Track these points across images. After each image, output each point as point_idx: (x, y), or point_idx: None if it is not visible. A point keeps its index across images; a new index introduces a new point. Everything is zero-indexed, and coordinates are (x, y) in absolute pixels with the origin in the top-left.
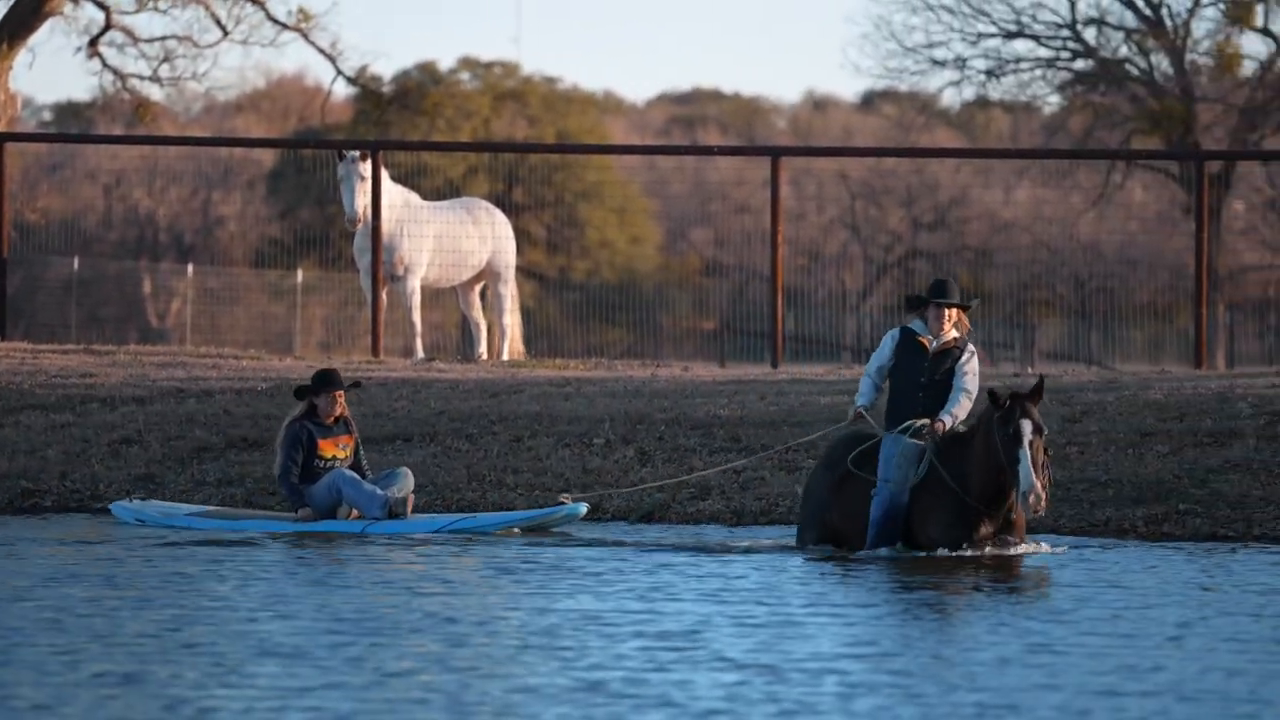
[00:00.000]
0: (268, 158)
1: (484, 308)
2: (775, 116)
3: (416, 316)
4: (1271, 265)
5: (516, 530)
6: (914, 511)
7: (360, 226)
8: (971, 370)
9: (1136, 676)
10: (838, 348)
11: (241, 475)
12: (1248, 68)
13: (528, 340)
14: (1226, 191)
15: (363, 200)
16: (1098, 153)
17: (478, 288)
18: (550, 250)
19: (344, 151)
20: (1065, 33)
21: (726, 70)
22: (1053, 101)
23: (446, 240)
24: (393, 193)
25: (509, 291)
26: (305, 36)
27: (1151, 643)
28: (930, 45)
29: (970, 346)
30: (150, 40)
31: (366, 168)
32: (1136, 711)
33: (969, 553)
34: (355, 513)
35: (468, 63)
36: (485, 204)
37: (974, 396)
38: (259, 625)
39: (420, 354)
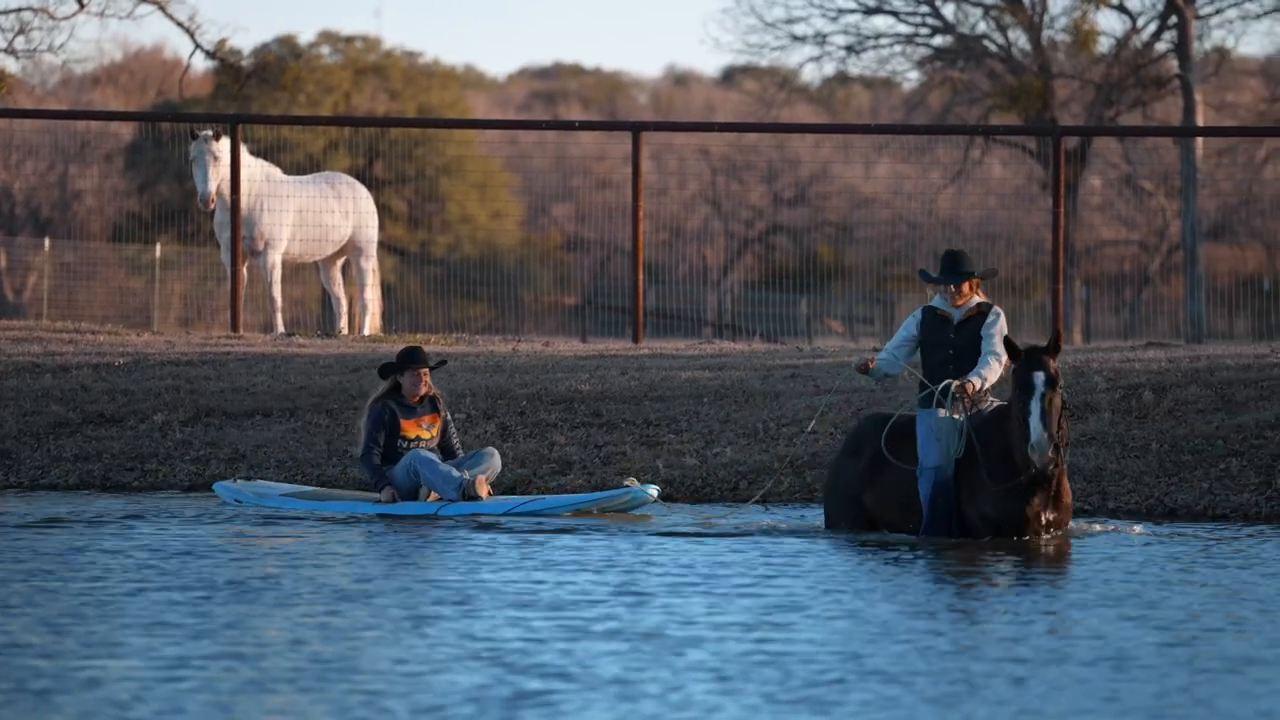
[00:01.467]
0: (125, 131)
1: (345, 282)
2: (637, 91)
3: (277, 291)
4: (1127, 241)
5: (594, 511)
6: (960, 491)
7: (213, 207)
8: (999, 332)
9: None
10: (699, 323)
11: (99, 451)
12: (1104, 44)
13: (389, 315)
14: (1083, 167)
15: (215, 181)
16: (956, 128)
17: (339, 263)
18: (411, 225)
19: (196, 130)
20: (924, 9)
21: (588, 45)
22: (912, 77)
23: (308, 215)
24: (253, 167)
25: (370, 266)
26: (163, 9)
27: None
28: (791, 21)
29: (996, 309)
30: (5, 12)
31: (219, 147)
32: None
33: (1025, 537)
34: (435, 494)
35: (328, 36)
36: (348, 178)
37: (1004, 359)
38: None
39: (280, 329)
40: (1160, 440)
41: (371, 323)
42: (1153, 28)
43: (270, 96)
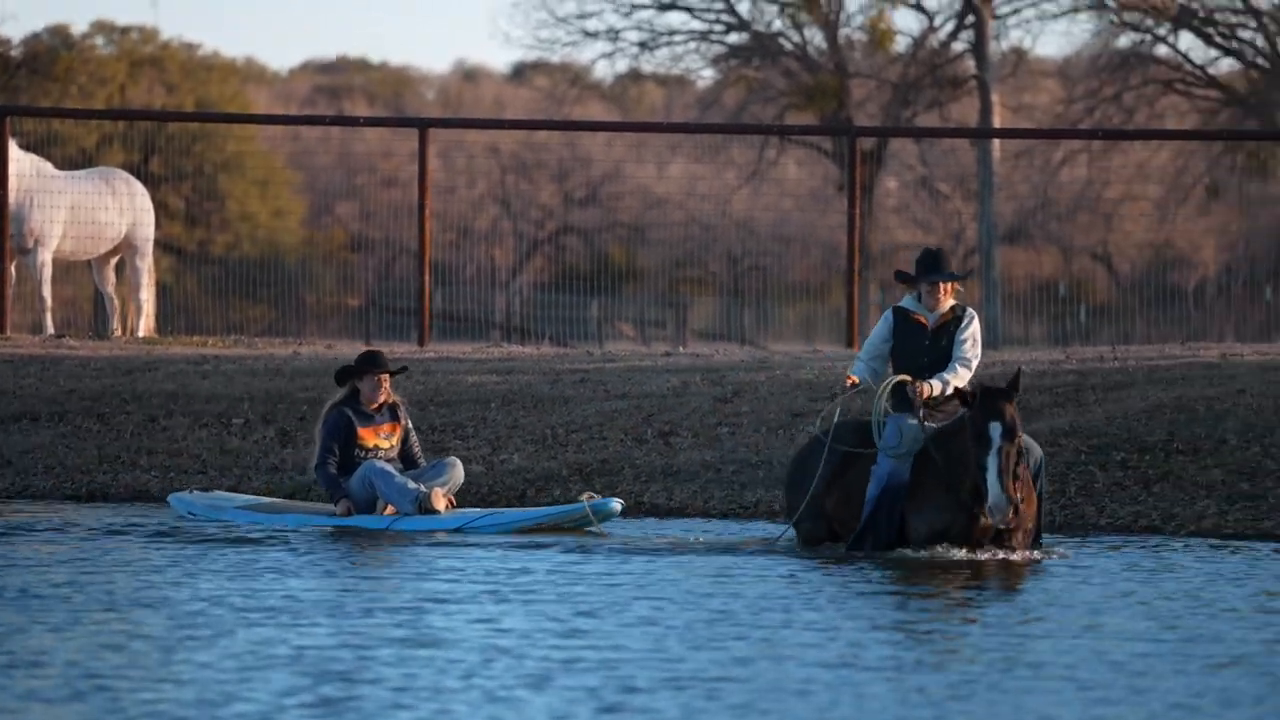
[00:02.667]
0: None
1: (119, 282)
2: (424, 87)
3: (47, 291)
4: (923, 244)
5: (553, 526)
6: (907, 499)
7: None
8: (971, 337)
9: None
10: (488, 325)
11: None
12: (901, 44)
13: (165, 316)
14: (879, 169)
15: None
16: (751, 128)
17: (113, 261)
18: (189, 223)
19: None
20: (719, 5)
21: (374, 39)
22: (707, 75)
23: (81, 212)
24: (22, 162)
25: (146, 265)
26: None
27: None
28: (582, 16)
29: (970, 312)
30: None
31: None
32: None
33: (963, 554)
34: (391, 507)
35: (102, 26)
36: (123, 174)
37: (975, 365)
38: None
39: (50, 330)
40: None
41: (146, 324)
42: (950, 27)
43: (41, 88)
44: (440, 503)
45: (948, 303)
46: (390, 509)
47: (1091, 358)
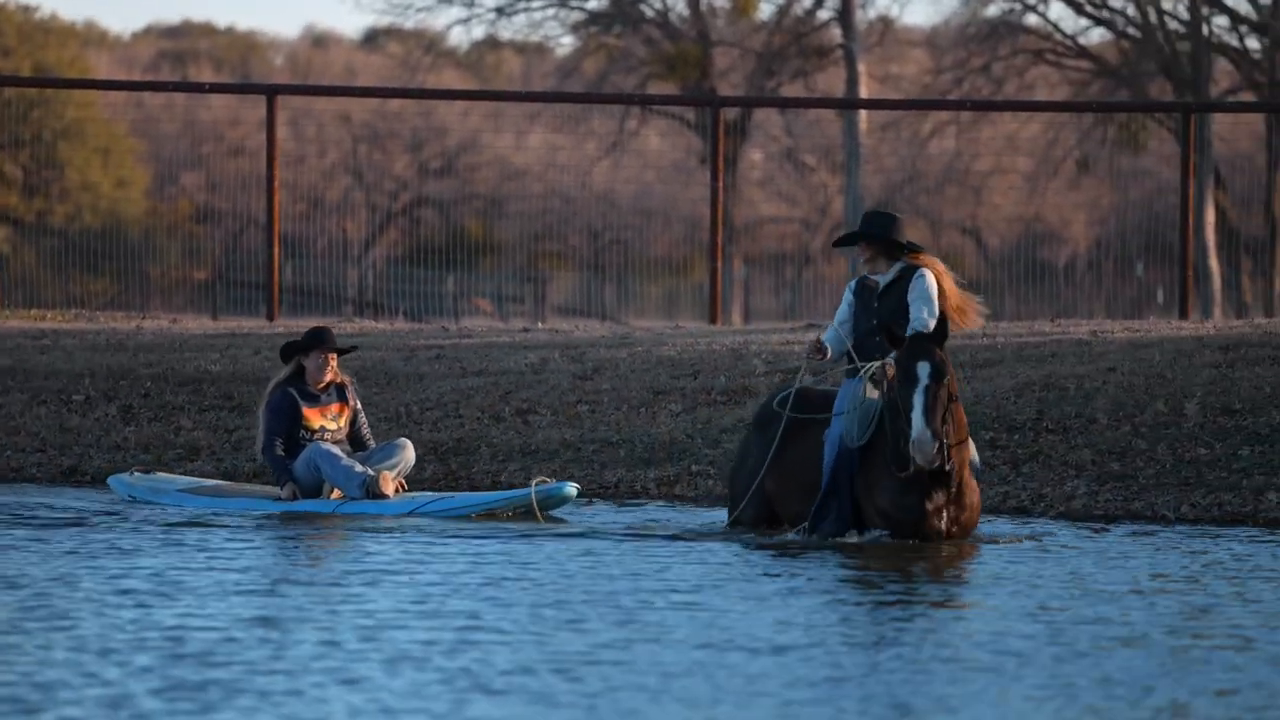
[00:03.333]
0: None
1: None
2: (272, 53)
3: None
4: (789, 218)
5: (507, 513)
6: (859, 482)
7: None
8: (919, 293)
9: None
10: (339, 300)
11: None
12: (765, 11)
13: (3, 289)
14: (743, 140)
15: None
16: (612, 97)
17: None
18: (27, 193)
19: None
20: None
21: (220, 2)
22: (566, 43)
23: None
24: None
25: None
26: None
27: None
28: None
29: (921, 271)
30: None
31: None
32: None
33: (921, 538)
34: (338, 491)
35: None
36: None
37: (933, 325)
38: None
39: None
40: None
41: None
42: None
43: None
44: (389, 487)
45: (897, 263)
46: (337, 493)
47: (960, 334)
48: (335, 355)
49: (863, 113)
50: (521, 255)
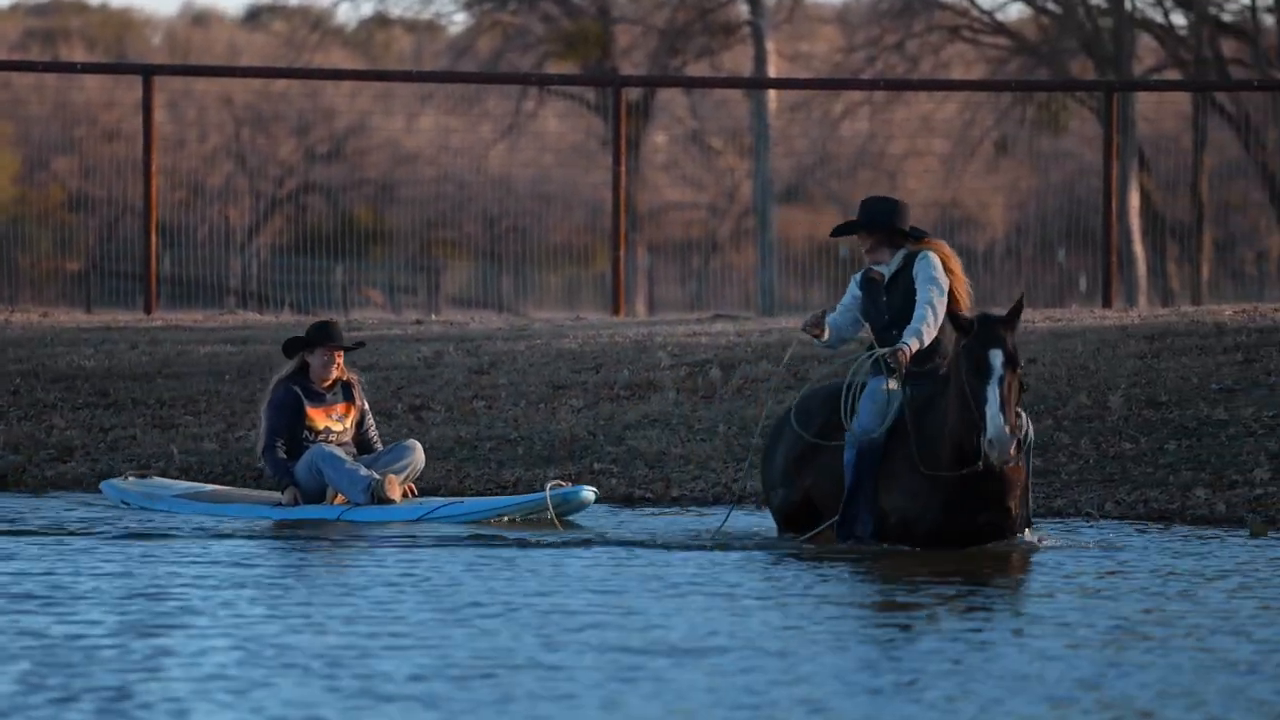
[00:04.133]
0: None
1: None
2: (149, 32)
3: None
4: (695, 203)
5: (517, 518)
6: (879, 477)
7: None
8: (926, 275)
9: None
10: (222, 291)
11: None
12: None
13: None
14: (647, 122)
15: None
16: (508, 77)
17: None
18: None
19: None
20: None
21: None
22: (459, 20)
23: None
24: None
25: None
26: None
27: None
28: None
29: (925, 254)
30: None
31: None
32: None
33: (948, 544)
34: (341, 496)
35: None
36: None
37: (940, 304)
38: None
39: None
40: (728, 421)
41: None
42: None
43: None
44: (395, 491)
45: (901, 250)
46: (340, 498)
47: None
48: (342, 352)
49: (771, 93)
50: (414, 243)
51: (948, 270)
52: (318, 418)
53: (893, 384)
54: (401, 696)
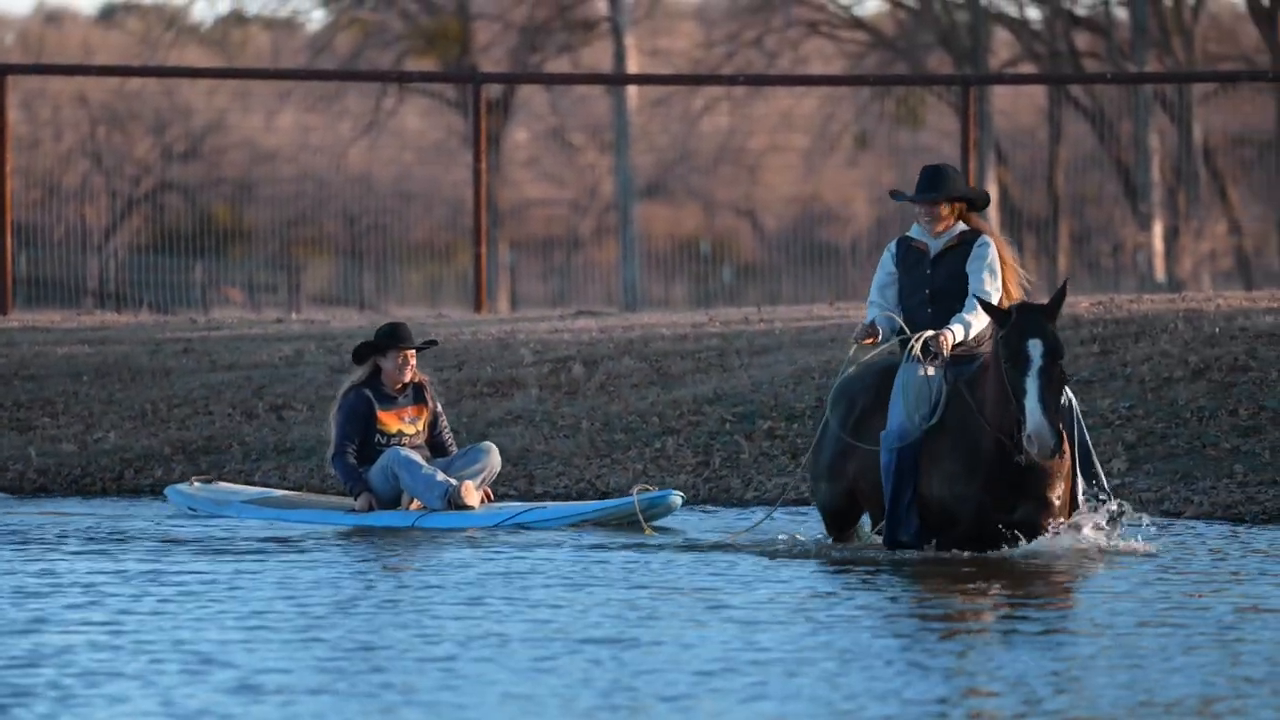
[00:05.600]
0: None
1: None
2: (2, 30)
3: None
4: (556, 200)
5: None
6: (920, 468)
7: None
8: (987, 268)
9: None
10: (79, 291)
11: None
12: None
13: None
14: (507, 119)
15: None
16: (367, 74)
17: None
18: None
19: None
20: None
21: None
22: (317, 18)
23: None
24: None
25: None
26: None
27: None
28: None
29: (984, 239)
30: None
31: None
32: None
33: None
34: (417, 502)
35: None
36: None
37: (996, 300)
38: None
39: None
40: (591, 418)
41: None
42: None
43: None
44: (473, 497)
45: (956, 226)
46: (416, 504)
47: (736, 320)
48: (413, 353)
49: (632, 89)
50: (274, 242)
51: (1002, 261)
52: (389, 421)
53: (930, 369)
54: (285, 690)
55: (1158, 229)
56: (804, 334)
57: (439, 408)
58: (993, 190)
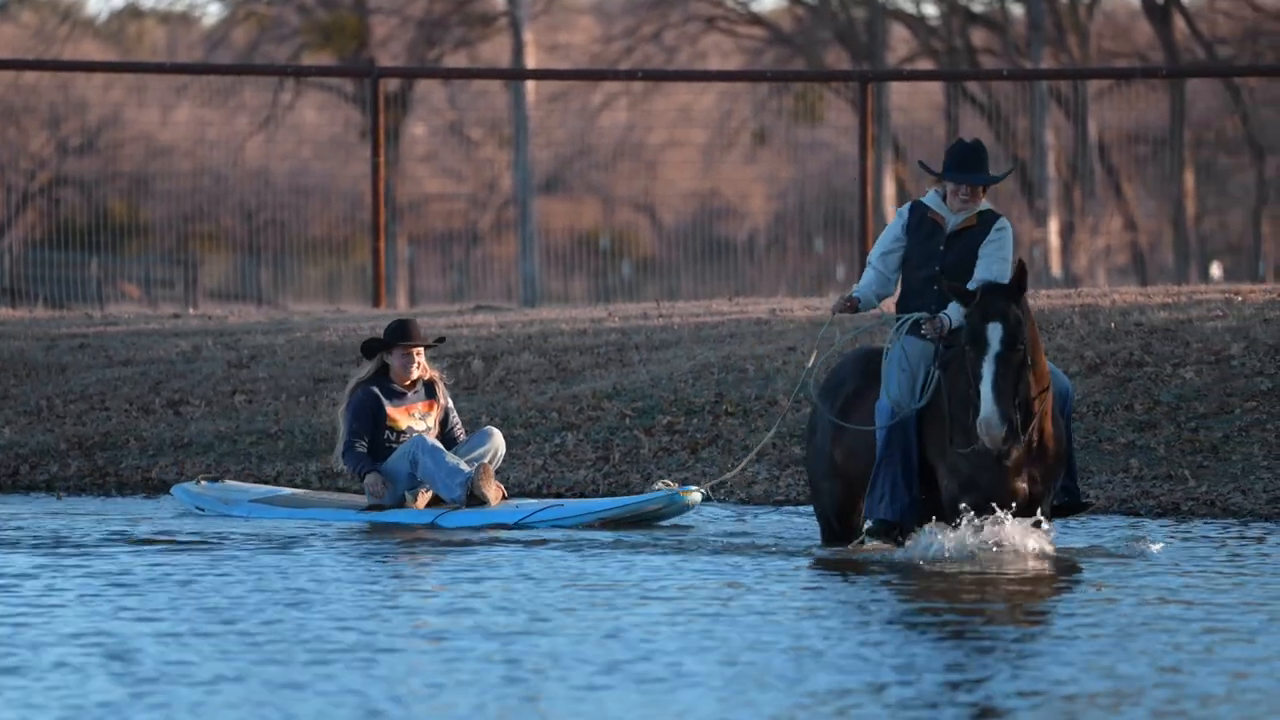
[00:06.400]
0: None
1: None
2: None
3: None
4: (455, 195)
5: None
6: (930, 448)
7: None
8: (999, 252)
9: None
10: None
11: None
12: None
13: None
14: (406, 113)
15: None
16: (264, 68)
17: None
18: None
19: None
20: None
21: None
22: (213, 12)
23: None
24: None
25: None
26: None
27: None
28: None
29: (1003, 221)
30: None
31: None
32: None
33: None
34: (422, 496)
35: None
36: None
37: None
38: None
39: None
40: (490, 413)
41: None
42: None
43: None
44: (491, 486)
45: (977, 204)
46: (422, 499)
47: (635, 315)
48: (421, 350)
49: (530, 84)
50: (171, 237)
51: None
52: (399, 417)
53: (925, 339)
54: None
55: (1054, 225)
56: (703, 329)
57: (450, 403)
58: (890, 186)
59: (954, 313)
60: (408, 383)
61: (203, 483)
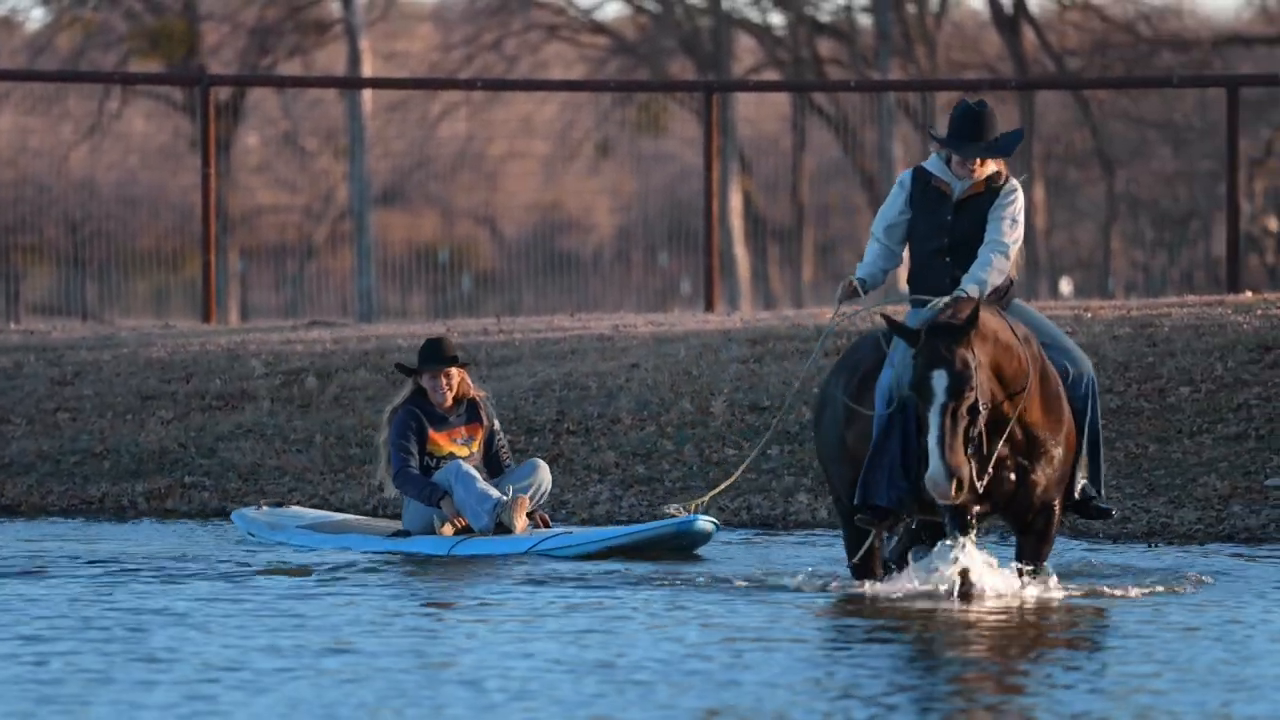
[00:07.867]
0: None
1: None
2: None
3: None
4: (289, 206)
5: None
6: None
7: None
8: (1010, 215)
9: None
10: None
11: None
12: None
13: None
14: (238, 123)
15: None
16: (89, 75)
17: None
18: None
19: None
20: None
21: None
22: (36, 17)
23: None
24: None
25: None
26: None
27: None
28: None
29: (1013, 183)
30: None
31: None
32: None
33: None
34: (449, 523)
35: None
36: None
37: (1014, 252)
38: None
39: None
40: (326, 432)
41: None
42: None
43: None
44: (520, 517)
45: (988, 167)
46: (448, 528)
47: (475, 330)
48: (453, 371)
49: (367, 93)
50: None
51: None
52: (441, 442)
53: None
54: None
55: None
56: (544, 345)
57: (496, 425)
58: (736, 199)
59: (969, 287)
60: (446, 405)
61: (263, 507)
